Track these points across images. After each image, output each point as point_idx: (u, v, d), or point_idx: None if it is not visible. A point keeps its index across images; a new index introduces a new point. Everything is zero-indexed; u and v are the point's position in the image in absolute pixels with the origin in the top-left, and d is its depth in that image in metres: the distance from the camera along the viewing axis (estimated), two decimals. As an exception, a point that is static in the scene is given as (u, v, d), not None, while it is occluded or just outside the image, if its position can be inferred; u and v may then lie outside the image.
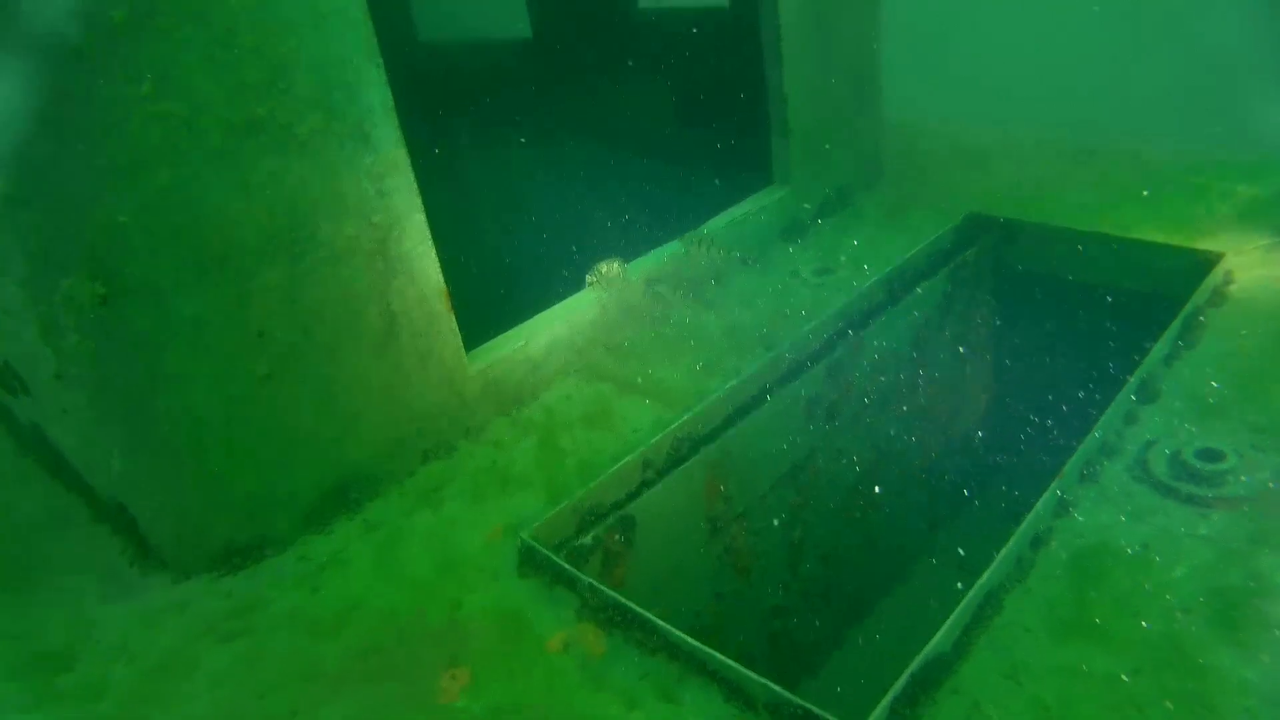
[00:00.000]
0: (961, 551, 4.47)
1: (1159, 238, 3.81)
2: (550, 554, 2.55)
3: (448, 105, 6.84)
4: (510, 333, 3.47)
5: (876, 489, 4.04)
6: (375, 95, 2.76)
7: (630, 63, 5.78)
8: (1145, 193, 4.30)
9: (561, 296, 3.71)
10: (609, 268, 3.68)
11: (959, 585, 2.38)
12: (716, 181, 4.75)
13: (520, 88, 6.51)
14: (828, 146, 4.50)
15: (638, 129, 5.83)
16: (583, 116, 6.11)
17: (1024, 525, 2.39)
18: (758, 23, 4.18)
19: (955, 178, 4.88)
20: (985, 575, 2.26)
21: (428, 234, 3.00)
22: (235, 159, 2.52)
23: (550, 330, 3.49)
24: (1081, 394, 3.68)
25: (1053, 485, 2.49)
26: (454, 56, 7.07)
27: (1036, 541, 2.40)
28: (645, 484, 2.95)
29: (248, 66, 2.47)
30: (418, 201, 2.94)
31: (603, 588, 2.38)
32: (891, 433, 4.04)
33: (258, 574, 2.88)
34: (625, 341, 3.77)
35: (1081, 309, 4.08)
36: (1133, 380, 2.88)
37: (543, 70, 6.40)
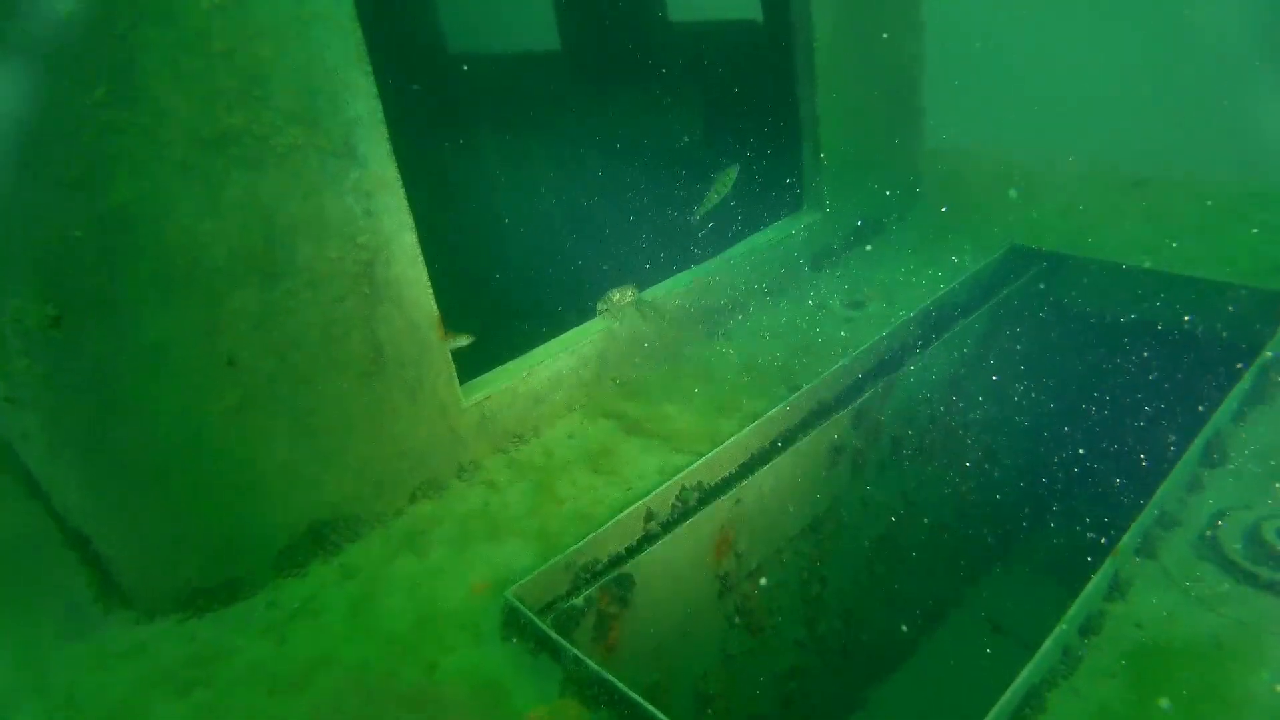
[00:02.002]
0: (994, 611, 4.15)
1: (1226, 276, 3.47)
2: (534, 618, 2.29)
3: (471, 117, 6.69)
4: (511, 364, 3.22)
5: (904, 542, 3.73)
6: (363, 106, 2.53)
7: (659, 78, 5.56)
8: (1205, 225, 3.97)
9: (572, 324, 3.46)
10: (621, 294, 3.42)
11: (988, 650, 2.06)
12: (745, 204, 4.50)
13: (545, 100, 6.33)
14: (863, 170, 4.22)
15: (664, 146, 5.59)
16: (607, 132, 5.89)
17: (1073, 608, 2.09)
18: (792, 38, 3.92)
19: (998, 206, 4.58)
20: (1027, 668, 1.96)
21: (419, 257, 2.76)
22: (205, 173, 2.31)
23: (555, 362, 3.24)
24: (1136, 450, 3.35)
25: (1107, 562, 2.18)
26: (482, 67, 6.91)
27: (1087, 628, 2.09)
28: (647, 538, 2.68)
29: (219, 73, 2.25)
30: (409, 221, 2.71)
31: (588, 661, 2.11)
32: (922, 482, 3.73)
33: (224, 619, 2.67)
34: (635, 376, 3.51)
35: (1136, 353, 3.74)
36: (1198, 439, 2.56)
37: (569, 83, 6.20)
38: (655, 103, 5.59)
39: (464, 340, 3.27)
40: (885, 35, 4.17)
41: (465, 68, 6.94)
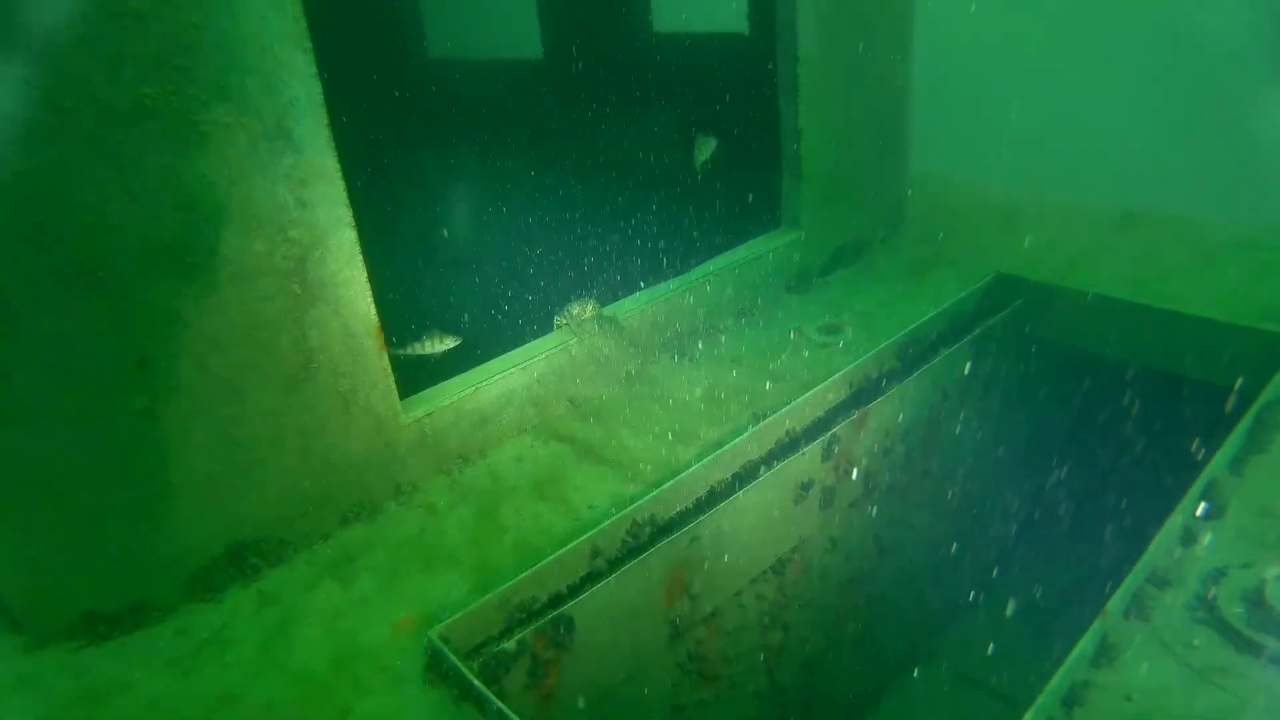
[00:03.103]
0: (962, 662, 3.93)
1: (1220, 317, 3.28)
2: (458, 663, 2.05)
3: (449, 123, 6.51)
4: (457, 379, 2.99)
5: (873, 586, 3.50)
6: (300, 88, 2.32)
7: (640, 89, 5.39)
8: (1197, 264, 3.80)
9: (530, 339, 3.23)
10: (581, 309, 3.20)
11: (958, 703, 1.83)
12: (720, 220, 4.31)
13: (524, 109, 6.14)
14: (845, 191, 4.03)
15: (641, 158, 5.41)
16: (585, 142, 5.71)
17: (1057, 676, 1.87)
18: (776, 50, 3.74)
19: (983, 238, 4.41)
20: None
21: (358, 256, 2.54)
22: (115, 149, 2.09)
23: (506, 378, 3.01)
24: (1124, 498, 3.15)
25: (1094, 624, 1.96)
26: (462, 73, 6.74)
27: (1072, 698, 1.87)
28: (592, 576, 2.44)
29: (133, 36, 2.03)
30: (347, 216, 2.49)
31: (513, 716, 1.86)
32: (895, 523, 3.50)
33: (125, 648, 2.42)
34: (592, 397, 3.29)
35: (1126, 394, 3.55)
36: (1193, 489, 2.36)
37: (549, 92, 6.02)
38: (639, 114, 5.42)
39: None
40: (872, 54, 4.00)
41: (441, 73, 6.78)
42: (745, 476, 2.81)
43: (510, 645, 2.21)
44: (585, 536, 2.42)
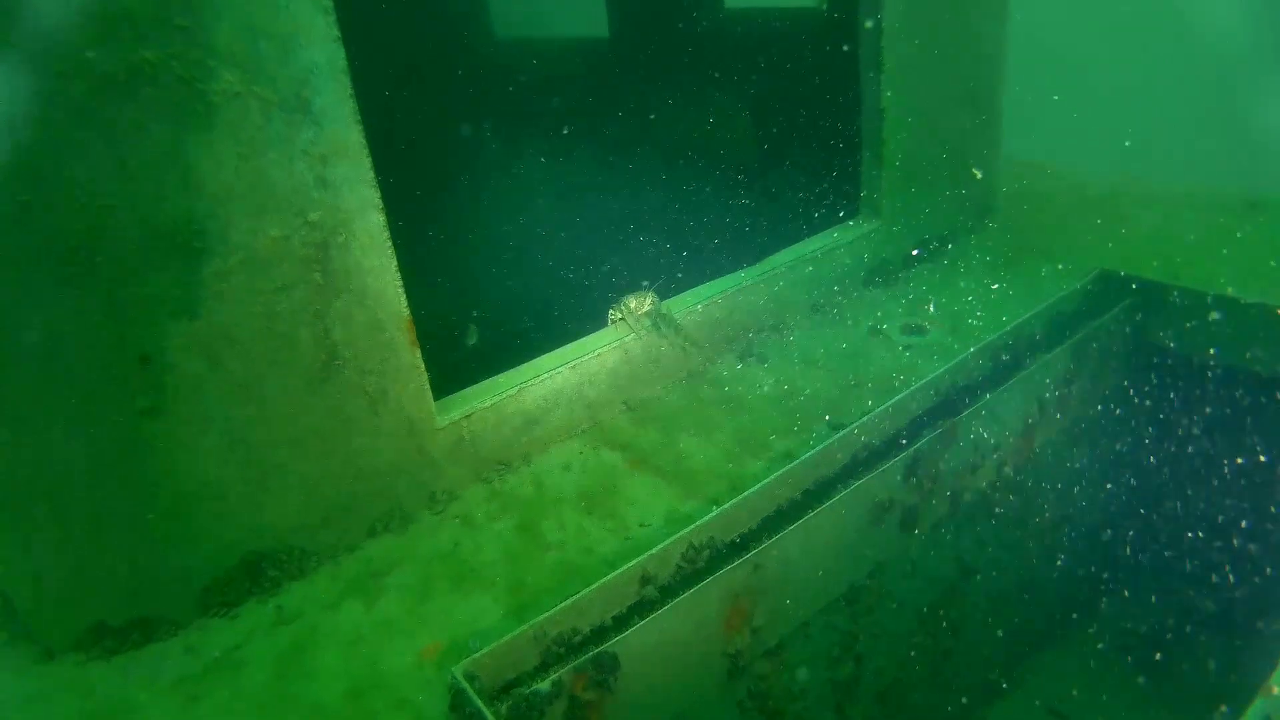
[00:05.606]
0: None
1: None
2: (483, 707, 1.78)
3: (513, 105, 6.34)
4: (500, 377, 2.74)
5: (955, 615, 3.14)
6: (321, 54, 2.09)
7: (711, 68, 5.10)
8: None
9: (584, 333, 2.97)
10: (639, 302, 2.92)
11: None
12: (796, 207, 3.98)
13: (589, 91, 5.90)
14: (931, 177, 3.66)
15: (712, 141, 5.11)
16: (652, 124, 5.43)
17: None
18: (856, 22, 3.39)
19: (1083, 229, 3.99)
20: None
21: (387, 242, 2.30)
22: (110, 121, 1.87)
23: (554, 377, 2.75)
24: (1246, 526, 2.75)
25: (1255, 705, 1.59)
26: (529, 54, 6.53)
27: None
28: (641, 606, 2.16)
29: (127, -11, 1.79)
30: (375, 198, 2.24)
31: (541, 780, 1.59)
32: (981, 544, 3.14)
33: (134, 664, 2.24)
34: (650, 399, 3.00)
35: (1256, 409, 3.13)
36: None
37: (615, 73, 5.75)
38: (709, 93, 5.12)
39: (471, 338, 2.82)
40: (964, 22, 3.62)
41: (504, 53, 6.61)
42: (817, 494, 2.49)
43: (545, 686, 1.94)
44: (635, 561, 2.14)
